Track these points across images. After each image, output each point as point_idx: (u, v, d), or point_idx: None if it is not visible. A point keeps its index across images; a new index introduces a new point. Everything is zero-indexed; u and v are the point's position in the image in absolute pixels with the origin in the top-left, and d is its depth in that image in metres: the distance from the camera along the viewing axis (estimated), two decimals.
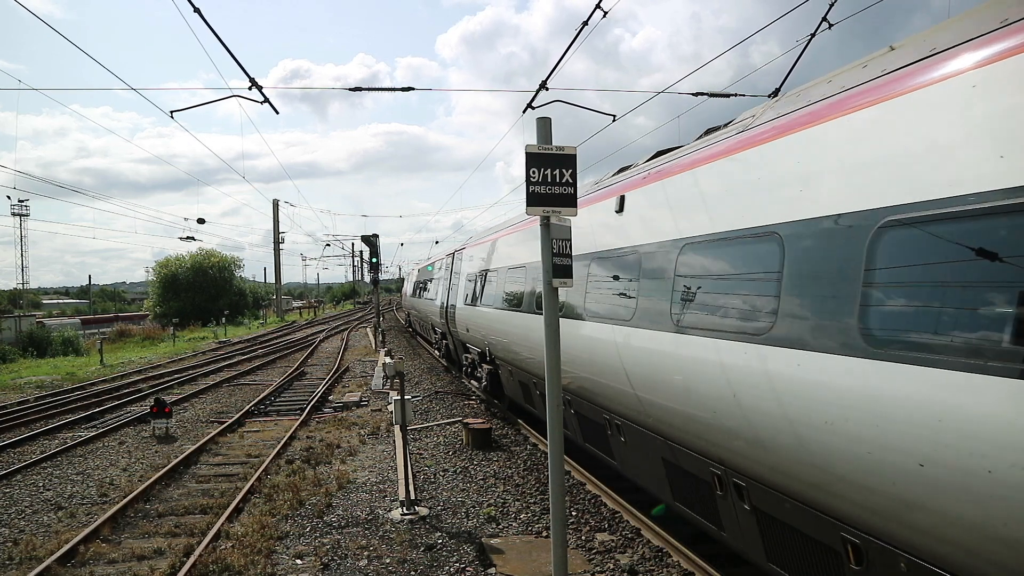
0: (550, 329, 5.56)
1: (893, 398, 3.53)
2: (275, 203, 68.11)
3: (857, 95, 4.27)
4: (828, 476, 4.07)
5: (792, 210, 4.56)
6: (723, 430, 5.22)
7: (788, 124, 4.88)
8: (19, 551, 8.18)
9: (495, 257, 14.69)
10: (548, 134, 5.54)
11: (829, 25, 8.70)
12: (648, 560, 7.33)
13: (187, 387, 21.50)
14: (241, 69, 10.79)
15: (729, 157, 5.55)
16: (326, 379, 21.74)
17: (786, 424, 4.38)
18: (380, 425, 14.62)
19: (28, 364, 32.52)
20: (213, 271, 67.52)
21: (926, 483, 3.33)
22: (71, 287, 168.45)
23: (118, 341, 45.72)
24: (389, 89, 13.09)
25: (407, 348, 32.90)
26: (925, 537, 3.48)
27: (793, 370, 4.34)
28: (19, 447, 13.71)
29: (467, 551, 7.76)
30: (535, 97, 11.18)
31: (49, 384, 23.68)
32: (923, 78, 3.71)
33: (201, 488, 10.56)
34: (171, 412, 15.02)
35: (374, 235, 29.76)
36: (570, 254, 5.75)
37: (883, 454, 3.60)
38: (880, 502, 3.71)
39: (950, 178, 3.36)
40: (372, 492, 10.03)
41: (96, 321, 74.97)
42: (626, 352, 6.95)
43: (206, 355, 32.59)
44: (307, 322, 63.97)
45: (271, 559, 7.64)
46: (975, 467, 3.08)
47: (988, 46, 3.38)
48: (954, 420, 3.21)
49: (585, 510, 8.98)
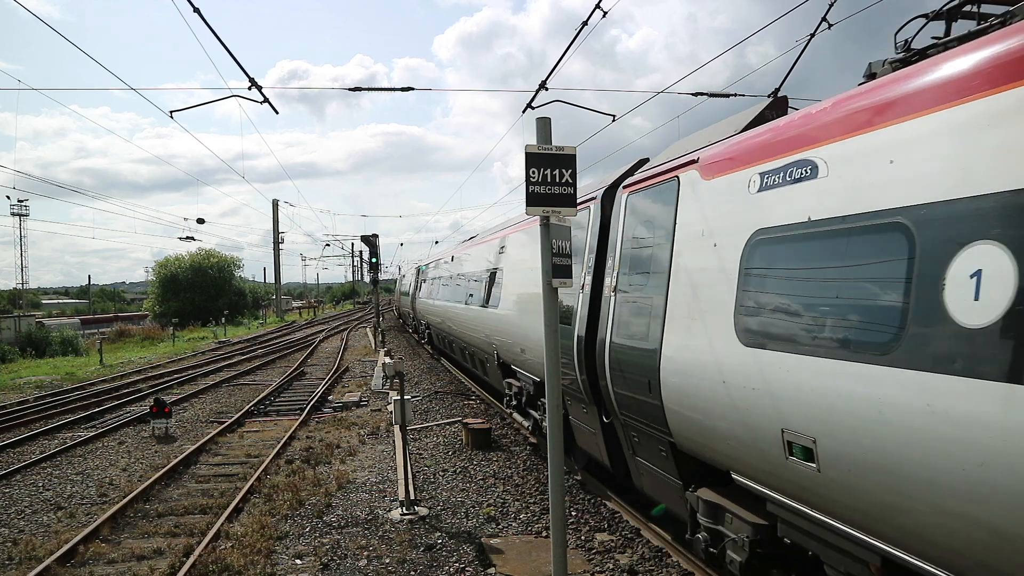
0: (550, 329, 5.56)
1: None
2: (275, 203, 68.11)
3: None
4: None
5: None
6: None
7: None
8: (19, 551, 8.18)
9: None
10: (548, 134, 5.54)
11: (829, 25, 8.67)
12: (648, 560, 7.33)
13: (187, 387, 21.49)
14: (241, 69, 10.80)
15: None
16: (326, 379, 21.74)
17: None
18: (380, 425, 14.61)
19: (27, 364, 32.50)
20: (213, 271, 67.50)
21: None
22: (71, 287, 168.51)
23: (118, 341, 45.71)
24: (389, 89, 13.10)
25: (407, 348, 32.90)
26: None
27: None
28: (19, 447, 13.71)
29: (467, 551, 7.76)
30: (535, 97, 11.19)
31: (49, 384, 23.67)
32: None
33: (201, 488, 10.56)
34: (171, 412, 15.02)
35: (374, 235, 29.76)
36: (570, 254, 5.76)
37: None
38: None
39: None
40: (372, 492, 10.03)
41: (96, 321, 74.96)
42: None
43: (206, 355, 32.57)
44: (307, 322, 63.95)
45: (271, 559, 7.64)
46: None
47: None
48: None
49: (585, 510, 8.98)
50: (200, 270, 66.54)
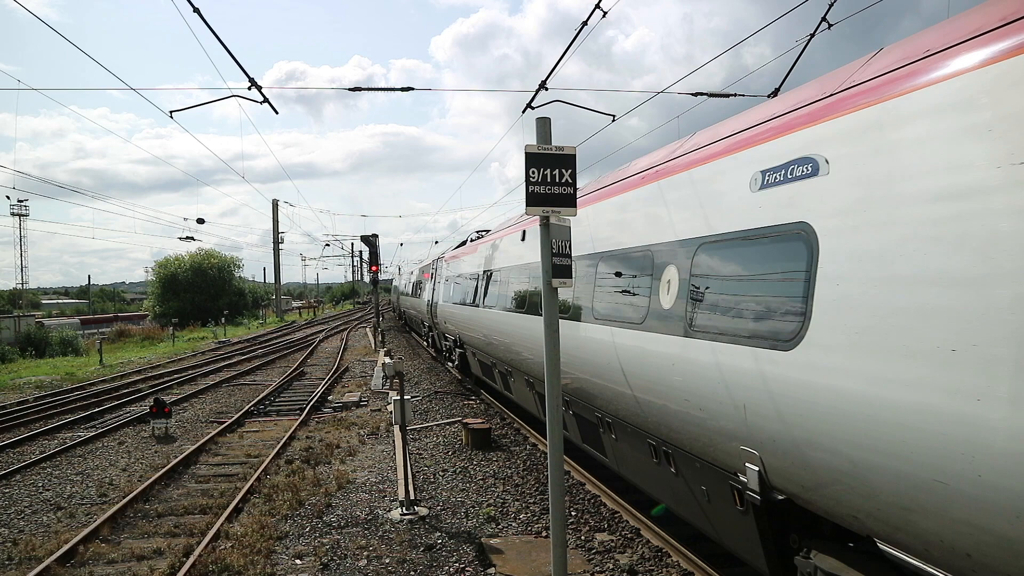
0: (550, 329, 5.56)
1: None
2: (275, 203, 68.11)
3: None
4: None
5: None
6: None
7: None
8: (19, 551, 8.18)
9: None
10: (548, 134, 5.54)
11: (828, 25, 8.67)
12: (648, 560, 7.33)
13: (186, 387, 21.49)
14: (241, 69, 10.80)
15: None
16: (325, 379, 21.74)
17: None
18: (380, 425, 14.61)
19: (27, 364, 32.49)
20: (212, 271, 67.47)
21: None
22: (70, 287, 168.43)
23: (117, 341, 45.71)
24: (388, 89, 13.09)
25: (407, 348, 32.89)
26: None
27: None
28: (18, 447, 13.70)
29: (467, 551, 7.76)
30: (535, 97, 11.18)
31: (48, 384, 23.66)
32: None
33: (200, 488, 10.56)
34: (171, 412, 15.02)
35: (373, 235, 29.76)
36: (569, 254, 5.75)
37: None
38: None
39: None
40: (372, 492, 10.03)
41: (95, 321, 74.93)
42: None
43: (205, 355, 32.57)
44: (306, 322, 63.96)
45: (270, 559, 7.64)
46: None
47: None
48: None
49: (585, 510, 8.98)
50: (200, 270, 66.50)
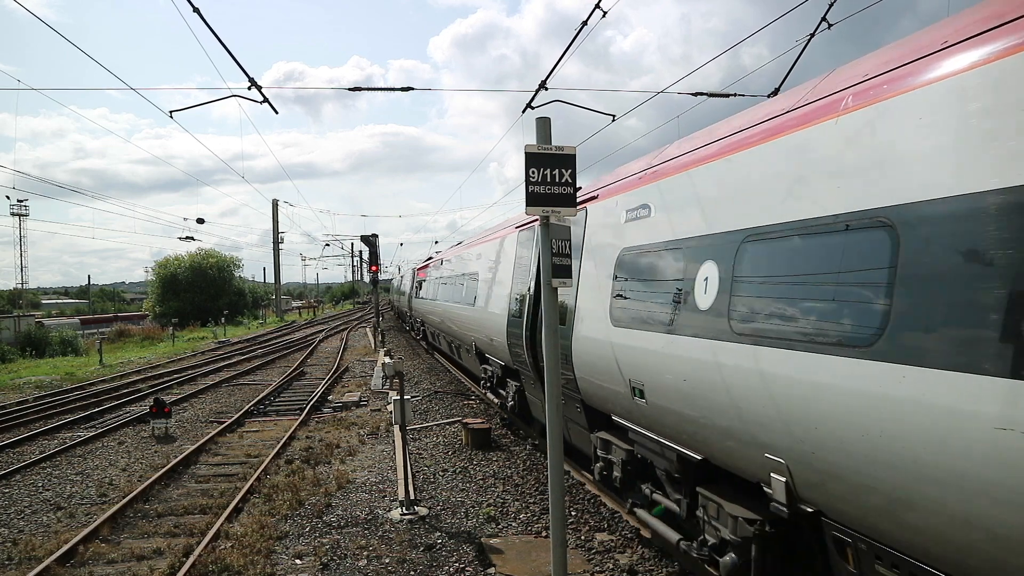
0: (550, 329, 5.56)
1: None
2: (274, 203, 68.11)
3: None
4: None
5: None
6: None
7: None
8: (18, 551, 8.18)
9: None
10: (548, 134, 5.54)
11: (828, 25, 8.68)
12: (648, 560, 7.33)
13: (186, 387, 21.49)
14: (241, 69, 10.81)
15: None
16: (325, 379, 21.74)
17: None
18: (379, 425, 14.61)
19: (27, 364, 32.49)
20: (212, 271, 67.45)
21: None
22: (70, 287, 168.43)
23: (117, 341, 45.71)
24: (388, 89, 13.10)
25: (406, 348, 32.89)
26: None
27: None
28: (18, 447, 13.70)
29: (466, 551, 7.76)
30: (534, 97, 11.19)
31: (48, 384, 23.66)
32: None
33: (200, 488, 10.55)
34: (170, 412, 15.02)
35: (373, 235, 29.74)
36: (569, 253, 5.75)
37: None
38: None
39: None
40: (371, 492, 10.02)
41: (95, 321, 74.92)
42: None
43: (205, 355, 32.56)
44: (306, 322, 63.94)
45: (270, 559, 7.63)
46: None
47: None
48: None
49: (585, 510, 8.98)
50: (200, 270, 66.49)
